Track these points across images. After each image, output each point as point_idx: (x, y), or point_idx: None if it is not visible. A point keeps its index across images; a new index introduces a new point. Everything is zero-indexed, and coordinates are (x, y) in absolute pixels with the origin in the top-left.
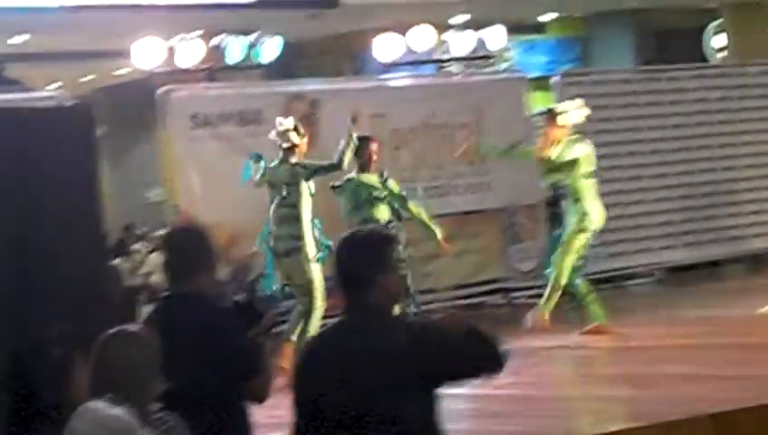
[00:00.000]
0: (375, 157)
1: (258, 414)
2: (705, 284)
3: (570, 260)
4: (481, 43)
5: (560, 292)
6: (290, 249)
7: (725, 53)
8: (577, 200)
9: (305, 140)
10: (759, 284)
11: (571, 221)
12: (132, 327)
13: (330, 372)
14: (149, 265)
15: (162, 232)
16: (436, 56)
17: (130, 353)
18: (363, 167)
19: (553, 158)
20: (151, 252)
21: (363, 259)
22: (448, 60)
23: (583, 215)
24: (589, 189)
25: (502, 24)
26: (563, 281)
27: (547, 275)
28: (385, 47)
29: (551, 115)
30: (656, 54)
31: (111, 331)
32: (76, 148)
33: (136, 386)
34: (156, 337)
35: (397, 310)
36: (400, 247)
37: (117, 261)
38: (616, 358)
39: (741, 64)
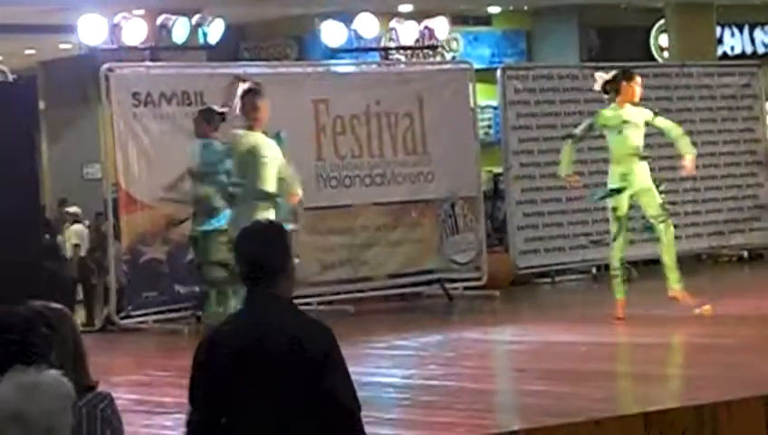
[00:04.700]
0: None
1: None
2: (641, 282)
3: None
4: (427, 32)
5: None
6: None
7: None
8: None
9: None
10: (695, 284)
11: None
12: (56, 305)
13: (234, 363)
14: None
15: (73, 209)
16: (381, 44)
17: (57, 329)
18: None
19: None
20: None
21: (276, 249)
22: (394, 48)
23: None
24: None
25: (448, 14)
26: None
27: None
28: (331, 33)
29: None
30: (600, 51)
31: (36, 306)
32: (17, 121)
33: (64, 362)
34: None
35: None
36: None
37: (55, 238)
38: (549, 354)
39: (683, 64)
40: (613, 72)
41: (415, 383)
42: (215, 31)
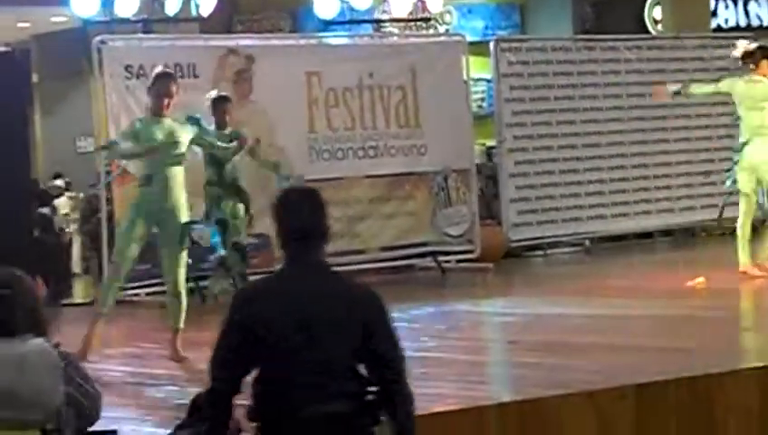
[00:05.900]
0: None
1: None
2: (634, 255)
3: None
4: (420, 4)
5: None
6: None
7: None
8: None
9: None
10: (687, 257)
11: None
12: (17, 271)
13: (280, 327)
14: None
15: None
16: (374, 16)
17: (16, 294)
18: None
19: None
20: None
21: (321, 213)
22: (387, 20)
23: None
24: None
25: None
26: None
27: None
28: (324, 5)
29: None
30: (594, 23)
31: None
32: (10, 94)
33: (26, 326)
34: (32, 282)
35: None
36: None
37: (45, 210)
38: (541, 326)
39: (677, 37)
40: (755, 45)
41: (407, 355)
42: (207, 3)
